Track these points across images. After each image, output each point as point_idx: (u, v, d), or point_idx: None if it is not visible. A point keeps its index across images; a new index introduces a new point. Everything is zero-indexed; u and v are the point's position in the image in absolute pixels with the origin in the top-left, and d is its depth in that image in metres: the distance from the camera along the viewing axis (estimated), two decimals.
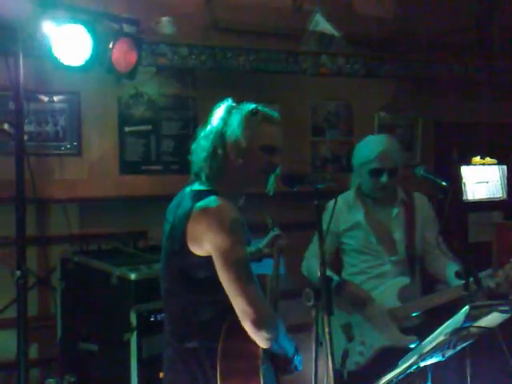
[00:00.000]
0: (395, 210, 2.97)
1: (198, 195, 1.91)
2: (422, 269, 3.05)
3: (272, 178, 2.03)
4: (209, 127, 2.00)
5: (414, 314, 2.87)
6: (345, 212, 2.95)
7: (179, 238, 1.88)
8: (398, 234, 2.94)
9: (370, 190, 2.93)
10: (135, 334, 2.96)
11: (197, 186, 1.97)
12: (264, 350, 1.88)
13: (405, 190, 3.05)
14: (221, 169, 1.95)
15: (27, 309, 3.18)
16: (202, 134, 2.00)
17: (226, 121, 1.97)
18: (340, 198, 2.97)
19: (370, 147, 2.91)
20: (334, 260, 3.06)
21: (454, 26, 4.96)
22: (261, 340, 1.81)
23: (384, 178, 2.83)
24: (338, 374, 2.61)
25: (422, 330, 2.47)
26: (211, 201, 1.86)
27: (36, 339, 3.59)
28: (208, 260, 1.83)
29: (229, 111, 1.99)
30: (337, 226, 2.93)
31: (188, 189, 2.00)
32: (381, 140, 2.99)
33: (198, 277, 1.88)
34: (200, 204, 1.86)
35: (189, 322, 1.92)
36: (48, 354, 3.62)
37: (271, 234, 2.29)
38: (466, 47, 5.06)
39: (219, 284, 1.82)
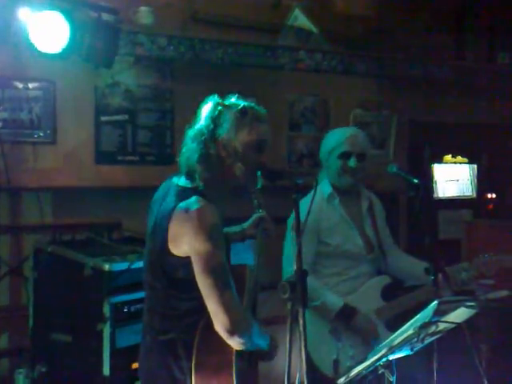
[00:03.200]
0: (365, 206, 2.95)
1: (182, 193, 1.92)
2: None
3: (259, 174, 2.03)
4: (197, 126, 1.97)
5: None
6: (324, 208, 2.87)
7: (160, 237, 1.90)
8: (369, 231, 2.94)
9: (338, 176, 2.85)
10: (108, 324, 2.95)
11: (183, 182, 1.98)
12: None
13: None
14: (213, 169, 1.94)
15: None
16: (191, 134, 1.98)
17: (215, 120, 1.95)
18: (315, 195, 2.95)
19: (339, 133, 2.91)
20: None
21: (431, 26, 5.05)
22: (234, 344, 1.87)
23: (352, 162, 2.81)
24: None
25: (396, 323, 2.51)
26: (192, 202, 1.86)
27: (7, 329, 3.56)
28: (187, 261, 1.85)
29: (217, 109, 1.96)
30: (318, 223, 2.83)
31: (175, 181, 2.00)
32: (348, 128, 3.08)
33: (177, 275, 1.90)
34: (182, 205, 1.87)
35: (166, 315, 1.96)
36: (19, 344, 3.59)
37: (256, 215, 2.29)
38: (442, 47, 5.14)
39: (197, 283, 1.85)
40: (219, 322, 1.81)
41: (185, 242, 1.84)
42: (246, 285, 2.10)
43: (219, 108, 1.97)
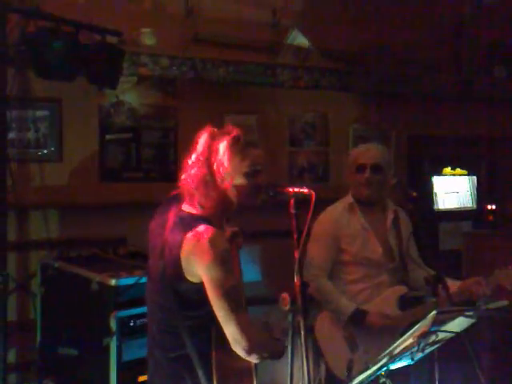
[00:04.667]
0: (390, 217, 3.06)
1: (189, 221, 1.99)
2: None
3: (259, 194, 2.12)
4: (194, 155, 2.06)
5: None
6: (345, 217, 3.00)
7: (173, 264, 1.97)
8: (393, 241, 3.03)
9: (357, 188, 3.00)
10: (115, 338, 3.00)
11: (186, 207, 2.05)
12: None
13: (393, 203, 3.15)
14: (211, 195, 2.02)
15: (6, 314, 3.22)
16: (189, 163, 2.06)
17: (210, 149, 2.03)
18: (338, 204, 3.07)
19: (357, 149, 3.11)
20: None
21: (427, 43, 5.14)
22: (252, 360, 1.97)
23: (366, 174, 2.94)
24: None
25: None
26: (201, 231, 1.94)
27: (15, 344, 3.61)
28: (200, 286, 1.95)
29: (212, 138, 2.05)
30: (338, 231, 2.97)
31: (178, 204, 2.07)
32: (367, 144, 3.18)
33: (190, 297, 1.99)
34: (192, 234, 1.95)
35: (176, 333, 2.02)
36: (26, 359, 3.65)
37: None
38: (439, 62, 5.23)
39: (207, 300, 1.93)
40: (237, 343, 1.91)
41: (198, 269, 1.93)
42: None
43: (213, 136, 2.05)
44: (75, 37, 3.43)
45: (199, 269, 1.93)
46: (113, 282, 3.05)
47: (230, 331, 1.91)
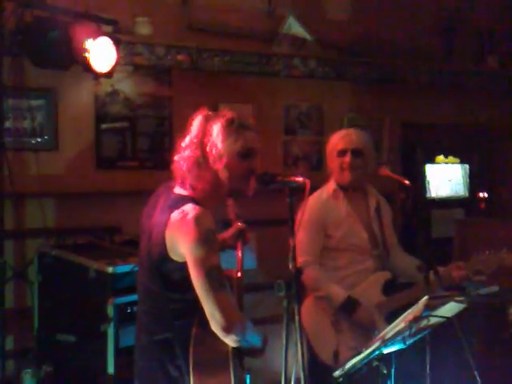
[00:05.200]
0: (372, 205, 3.10)
1: (177, 201, 2.01)
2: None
3: (252, 181, 2.12)
4: (188, 137, 2.07)
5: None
6: (330, 203, 3.02)
7: (158, 243, 1.99)
8: (376, 228, 3.07)
9: (339, 173, 3.02)
10: (112, 325, 3.04)
11: (178, 190, 2.08)
12: None
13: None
14: (203, 177, 2.04)
15: (4, 301, 3.25)
16: (183, 145, 2.08)
17: (204, 131, 2.04)
18: (323, 191, 3.09)
19: (336, 135, 3.11)
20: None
21: (420, 31, 5.18)
22: (229, 341, 1.96)
23: (347, 158, 2.97)
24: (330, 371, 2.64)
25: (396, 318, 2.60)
26: (188, 209, 1.95)
27: (12, 330, 3.65)
28: (184, 265, 1.95)
29: (206, 120, 2.06)
30: (324, 217, 2.99)
31: (170, 188, 2.10)
32: (347, 129, 3.21)
33: (173, 278, 2.00)
34: (178, 212, 1.96)
35: (161, 316, 2.05)
36: (24, 346, 3.69)
37: (236, 226, 2.41)
38: (431, 51, 5.26)
39: (192, 284, 1.94)
40: (216, 322, 1.90)
41: (182, 247, 1.94)
42: (234, 287, 2.20)
43: (207, 118, 2.07)
44: (71, 26, 3.44)
45: (183, 246, 1.93)
46: (110, 269, 3.09)
47: (209, 309, 1.90)
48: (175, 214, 1.95)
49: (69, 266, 3.32)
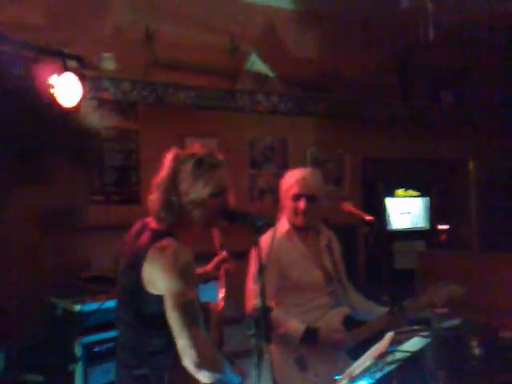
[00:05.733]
0: (323, 242, 3.11)
1: (155, 235, 2.05)
2: None
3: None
4: (160, 177, 2.12)
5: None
6: (285, 244, 3.01)
7: (135, 274, 2.01)
8: (328, 264, 3.08)
9: (292, 216, 3.02)
10: (80, 364, 3.01)
11: (154, 224, 2.11)
12: None
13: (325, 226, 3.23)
14: (177, 215, 2.08)
15: None
16: (156, 183, 2.12)
17: (175, 169, 2.09)
18: (276, 230, 3.09)
19: (292, 175, 3.07)
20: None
21: (379, 68, 5.36)
22: (201, 377, 1.97)
23: (302, 204, 2.99)
24: None
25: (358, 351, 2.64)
26: (166, 244, 2.00)
27: None
28: (160, 298, 1.97)
29: (178, 160, 2.11)
30: (278, 258, 2.96)
31: (146, 223, 2.14)
32: (301, 170, 3.14)
33: (150, 312, 2.01)
34: (157, 245, 2.00)
35: (139, 351, 2.05)
36: None
37: (218, 257, 2.46)
38: (389, 88, 5.45)
39: (167, 320, 1.96)
40: (187, 357, 1.92)
41: (158, 280, 1.96)
42: (212, 320, 2.23)
43: (179, 158, 2.11)
44: (36, 61, 3.44)
45: (160, 279, 1.96)
46: (77, 307, 3.07)
47: (181, 343, 1.92)
48: (154, 247, 1.99)
49: None
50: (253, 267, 2.74)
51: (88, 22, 4.10)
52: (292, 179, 3.03)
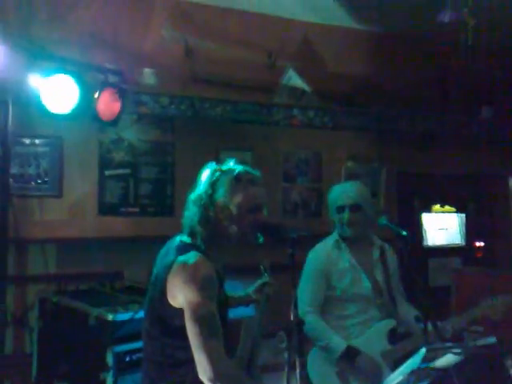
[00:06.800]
0: (376, 254, 3.13)
1: (182, 248, 2.07)
2: None
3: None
4: (197, 192, 2.14)
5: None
6: (334, 254, 3.07)
7: (160, 287, 2.04)
8: (380, 277, 3.10)
9: (340, 228, 3.09)
10: (111, 373, 3.04)
11: (185, 238, 2.14)
12: None
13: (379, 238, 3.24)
14: (213, 230, 2.10)
15: (4, 347, 3.26)
16: (192, 199, 2.14)
17: (212, 185, 2.11)
18: (326, 241, 3.14)
19: (335, 189, 3.16)
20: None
21: (417, 82, 5.32)
22: None
23: (346, 214, 3.03)
24: None
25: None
26: (190, 256, 2.01)
27: (10, 377, 3.63)
28: (182, 311, 1.98)
29: (214, 175, 2.13)
30: (327, 268, 3.03)
31: (178, 238, 2.16)
32: (345, 183, 3.29)
33: (173, 324, 2.02)
34: (180, 258, 2.02)
35: (163, 363, 2.06)
36: None
37: (260, 281, 2.46)
38: (427, 102, 5.40)
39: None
40: (203, 370, 1.90)
41: (179, 293, 1.98)
42: (241, 337, 2.23)
43: (216, 174, 2.13)
44: (80, 77, 3.55)
45: (180, 292, 1.97)
46: (110, 317, 3.10)
47: (197, 356, 1.89)
48: (178, 260, 2.01)
49: (69, 313, 3.34)
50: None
51: (129, 38, 4.21)
52: (335, 192, 3.12)
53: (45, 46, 3.62)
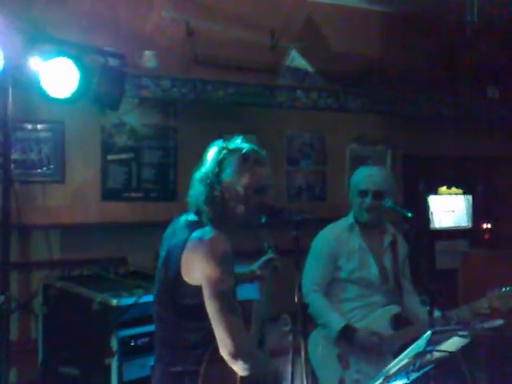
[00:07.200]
0: (387, 240, 3.13)
1: (194, 225, 2.04)
2: None
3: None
4: (203, 170, 2.10)
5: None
6: (344, 236, 3.07)
7: (174, 266, 2.01)
8: (388, 263, 3.10)
9: (358, 211, 3.09)
10: (116, 358, 3.04)
11: (192, 217, 2.10)
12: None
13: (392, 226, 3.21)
14: (219, 209, 2.06)
15: (9, 333, 3.25)
16: (198, 177, 2.10)
17: (219, 164, 2.07)
18: (339, 223, 3.15)
19: (360, 172, 3.16)
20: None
21: (422, 63, 5.24)
22: (238, 369, 1.95)
23: (368, 200, 3.01)
24: None
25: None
26: (206, 232, 1.98)
27: (16, 363, 3.63)
28: (199, 289, 1.96)
29: (221, 154, 2.09)
30: (337, 248, 3.04)
31: (183, 218, 2.13)
32: (370, 168, 3.25)
33: (187, 304, 2.00)
34: (195, 234, 1.99)
35: (175, 346, 2.05)
36: (28, 379, 3.68)
37: (265, 257, 2.43)
38: (434, 83, 5.32)
39: (206, 311, 1.95)
40: (224, 346, 1.90)
41: (197, 269, 1.95)
42: (252, 319, 2.21)
43: (223, 152, 2.09)
44: (79, 60, 3.50)
45: (197, 268, 1.94)
46: (114, 301, 3.10)
47: (219, 332, 1.90)
48: (193, 236, 1.99)
49: (73, 298, 3.35)
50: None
51: (130, 20, 4.14)
52: (361, 175, 3.10)
53: (44, 28, 3.57)
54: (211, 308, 1.93)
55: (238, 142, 2.15)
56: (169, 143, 4.37)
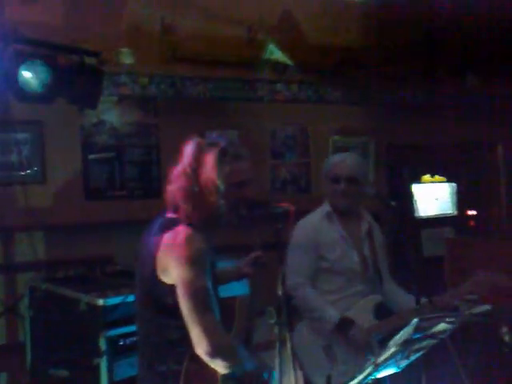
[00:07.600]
0: (364, 227, 3.10)
1: (169, 224, 2.02)
2: None
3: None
4: (181, 166, 2.06)
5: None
6: (324, 225, 3.03)
7: (149, 265, 1.99)
8: (367, 251, 3.07)
9: (333, 198, 3.04)
10: (105, 358, 3.02)
11: (170, 215, 2.08)
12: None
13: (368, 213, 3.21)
14: (198, 205, 2.04)
15: None
16: (176, 174, 2.07)
17: (198, 160, 2.04)
18: (316, 212, 3.10)
19: (332, 159, 3.13)
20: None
21: (401, 53, 5.25)
22: (216, 366, 1.93)
23: (341, 185, 2.99)
24: None
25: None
26: (179, 231, 1.97)
27: (5, 367, 3.61)
28: (175, 288, 1.94)
29: (200, 149, 2.05)
30: (317, 238, 2.99)
31: (162, 216, 2.10)
32: (341, 154, 3.23)
33: (166, 302, 1.98)
34: (169, 234, 1.97)
35: (157, 345, 2.03)
36: (18, 382, 3.65)
37: (252, 255, 2.43)
38: (414, 72, 5.34)
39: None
40: (200, 345, 1.88)
41: (171, 268, 1.94)
42: (236, 316, 2.20)
43: (200, 147, 2.06)
44: (54, 59, 3.46)
45: (172, 267, 1.93)
46: (100, 302, 3.07)
47: (194, 331, 1.88)
48: (167, 235, 1.97)
49: (60, 300, 3.31)
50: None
51: (104, 17, 4.10)
52: (332, 162, 3.08)
53: (17, 28, 3.51)
54: (185, 308, 1.91)
55: (215, 136, 2.14)
56: (150, 140, 4.35)
